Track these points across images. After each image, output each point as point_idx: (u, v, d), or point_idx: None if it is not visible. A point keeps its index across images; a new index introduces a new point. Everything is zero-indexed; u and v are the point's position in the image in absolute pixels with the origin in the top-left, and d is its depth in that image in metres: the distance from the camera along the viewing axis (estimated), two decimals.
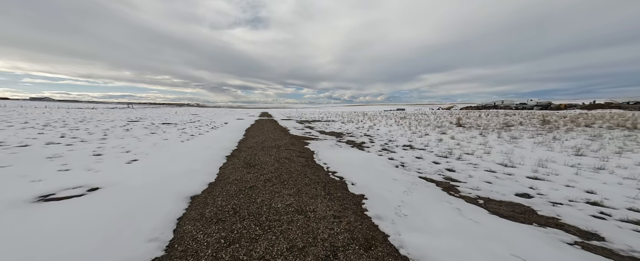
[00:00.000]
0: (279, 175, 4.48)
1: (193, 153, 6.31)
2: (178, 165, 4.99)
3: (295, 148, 7.66)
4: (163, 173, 4.38)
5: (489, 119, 19.44)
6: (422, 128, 13.53)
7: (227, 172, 4.77)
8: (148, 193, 3.30)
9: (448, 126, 14.42)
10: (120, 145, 7.08)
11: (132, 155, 5.82)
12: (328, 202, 3.20)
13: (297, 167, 5.16)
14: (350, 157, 6.31)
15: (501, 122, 16.10)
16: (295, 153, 6.76)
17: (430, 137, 9.75)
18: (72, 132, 10.05)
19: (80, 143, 7.31)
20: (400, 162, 5.57)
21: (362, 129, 14.33)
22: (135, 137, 8.98)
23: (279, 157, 6.16)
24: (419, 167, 5.10)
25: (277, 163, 5.53)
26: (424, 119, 21.54)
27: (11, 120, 14.08)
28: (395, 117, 25.83)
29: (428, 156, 6.11)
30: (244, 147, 7.67)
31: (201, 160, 5.61)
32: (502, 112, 33.44)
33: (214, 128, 14.17)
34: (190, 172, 4.56)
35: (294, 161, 5.76)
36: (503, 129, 12.43)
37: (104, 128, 11.93)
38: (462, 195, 3.34)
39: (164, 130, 12.10)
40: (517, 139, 8.37)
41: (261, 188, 3.77)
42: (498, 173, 4.34)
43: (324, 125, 18.04)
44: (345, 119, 24.67)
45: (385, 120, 21.90)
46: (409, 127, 14.49)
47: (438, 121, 18.86)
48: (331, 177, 4.50)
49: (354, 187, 3.85)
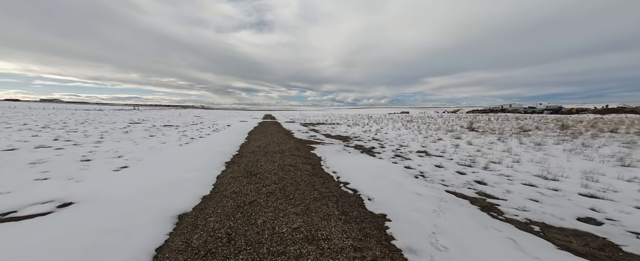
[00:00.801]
0: (284, 187, 3.91)
1: (190, 159, 5.80)
2: (171, 174, 4.47)
3: (300, 153, 7.10)
4: (152, 183, 3.85)
5: (501, 123, 18.61)
6: (433, 133, 12.85)
7: (225, 181, 4.22)
8: (128, 212, 2.76)
9: (460, 130, 13.71)
10: (114, 150, 6.62)
11: (123, 161, 5.33)
12: (344, 225, 2.61)
13: (304, 177, 4.59)
14: (362, 164, 5.72)
15: (515, 127, 15.31)
16: (301, 160, 6.19)
17: (445, 142, 9.09)
18: (68, 134, 9.68)
19: (72, 147, 6.87)
20: (419, 172, 4.96)
21: (370, 133, 13.71)
22: (132, 140, 8.54)
23: (283, 164, 5.60)
24: (442, 178, 4.47)
25: (281, 171, 4.97)
26: (432, 123, 20.81)
27: (11, 122, 13.86)
28: (402, 120, 25.12)
29: (449, 165, 5.47)
30: (245, 152, 7.14)
31: (198, 167, 5.09)
32: (511, 116, 32.42)
33: (216, 130, 13.72)
34: (184, 181, 4.02)
35: (300, 169, 5.19)
36: (520, 134, 11.68)
37: (103, 130, 11.57)
38: (508, 218, 2.72)
39: (164, 132, 11.68)
40: (542, 145, 7.66)
41: (263, 204, 3.21)
42: (540, 187, 3.70)
43: (328, 128, 17.47)
44: (351, 122, 24.06)
45: (392, 123, 21.23)
46: (419, 131, 13.82)
47: (448, 125, 18.12)
48: (343, 190, 3.91)
49: (372, 204, 3.26)
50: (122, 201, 3.08)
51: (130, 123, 16.32)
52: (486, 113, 51.82)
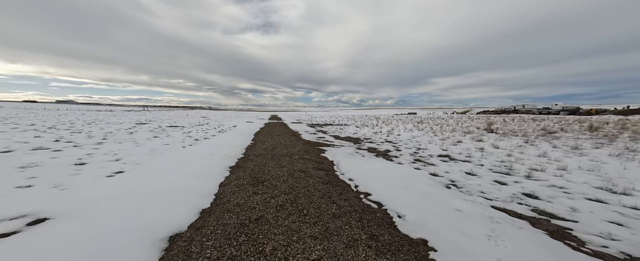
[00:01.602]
0: (296, 199, 3.36)
1: (192, 163, 5.33)
2: (169, 180, 3.99)
3: (310, 157, 6.54)
4: (146, 192, 3.37)
5: (520, 124, 17.57)
6: (449, 134, 12.08)
7: (229, 190, 3.70)
8: (108, 232, 2.26)
9: (478, 132, 12.87)
10: (113, 152, 6.23)
11: (120, 165, 4.90)
12: (377, 258, 2.03)
13: (317, 185, 4.02)
14: (380, 170, 5.11)
15: (538, 128, 14.32)
16: (312, 164, 5.64)
17: (466, 145, 8.35)
18: (72, 135, 9.44)
19: (71, 148, 6.54)
20: (450, 180, 4.31)
21: (381, 134, 13.04)
22: (134, 142, 8.19)
23: (292, 169, 5.06)
24: (479, 188, 3.82)
25: (291, 178, 4.43)
26: (445, 124, 19.91)
27: (20, 123, 13.88)
28: (411, 121, 24.26)
29: (482, 172, 4.80)
30: (251, 155, 6.64)
31: (199, 172, 4.60)
32: (526, 117, 31.00)
33: (222, 131, 13.35)
34: (182, 190, 3.53)
35: (312, 175, 4.63)
36: (546, 136, 10.79)
37: (107, 131, 11.34)
38: (595, 251, 2.07)
39: (169, 133, 11.36)
40: (581, 150, 6.85)
41: (272, 221, 2.66)
42: (613, 204, 3.00)
43: (336, 129, 16.87)
44: (359, 123, 23.38)
45: (402, 124, 20.44)
46: (434, 133, 13.06)
47: (462, 126, 17.22)
48: (365, 202, 3.33)
49: (404, 223, 2.66)
50: (106, 216, 2.59)
51: (137, 124, 16.17)
52: (498, 115, 50.11)
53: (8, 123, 13.15)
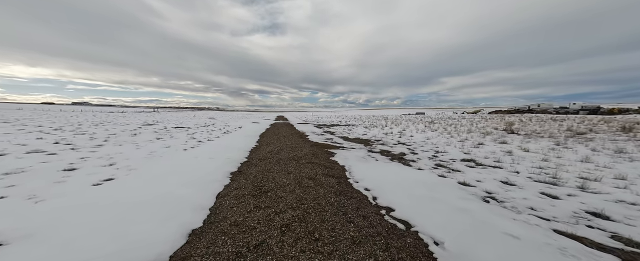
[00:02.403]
0: (304, 216, 2.80)
1: (190, 168, 4.86)
2: (161, 189, 3.51)
3: (319, 161, 5.98)
4: (130, 204, 2.89)
5: (541, 125, 16.45)
6: (466, 135, 11.27)
7: (226, 203, 3.18)
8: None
9: (498, 133, 11.98)
10: (109, 155, 5.85)
11: (112, 171, 4.47)
12: None
13: (329, 196, 3.45)
14: (399, 177, 4.49)
15: (562, 129, 13.27)
16: (321, 170, 5.07)
17: (490, 148, 7.59)
18: (75, 137, 9.22)
19: (68, 151, 6.21)
20: (485, 192, 3.65)
21: (392, 135, 12.34)
22: (135, 144, 7.84)
23: (299, 176, 4.51)
24: (526, 203, 3.15)
25: (299, 187, 3.87)
26: (458, 124, 18.94)
27: (29, 124, 13.94)
28: (422, 122, 23.33)
29: (520, 181, 4.10)
30: (255, 159, 6.14)
31: (197, 178, 4.11)
32: (545, 117, 29.48)
33: (227, 133, 12.97)
34: (173, 202, 3.03)
35: (322, 184, 4.06)
36: (575, 137, 9.84)
37: (111, 132, 11.13)
38: None
39: (172, 135, 11.04)
40: (628, 153, 6.00)
41: (276, 250, 2.11)
42: None
43: (344, 129, 16.25)
44: (367, 123, 22.66)
45: (412, 124, 19.60)
46: (449, 134, 12.25)
47: (477, 126, 16.27)
48: (388, 221, 2.73)
49: (446, 256, 2.05)
50: (71, 239, 2.11)
51: (143, 125, 16.05)
52: (512, 114, 48.22)
53: (16, 125, 13.21)
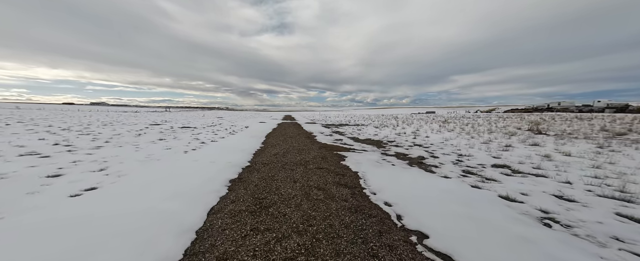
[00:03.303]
0: (313, 245, 2.20)
1: (186, 174, 4.37)
2: (146, 202, 3.00)
3: (328, 166, 5.37)
4: (102, 223, 2.38)
5: (569, 124, 15.13)
6: (488, 136, 10.34)
7: (218, 225, 2.62)
8: None
9: (524, 133, 10.95)
10: (104, 158, 5.47)
11: (99, 178, 4.04)
12: None
13: (343, 214, 2.84)
14: (424, 188, 3.81)
15: (595, 129, 12.03)
16: (332, 177, 4.46)
17: (522, 151, 6.73)
18: (78, 137, 9.02)
19: (63, 154, 5.89)
20: (541, 210, 2.91)
21: (405, 136, 11.55)
22: (135, 145, 7.50)
23: (307, 186, 3.91)
24: (604, 229, 2.42)
25: (306, 200, 3.28)
26: (475, 123, 17.80)
27: (40, 124, 14.08)
28: (435, 121, 22.22)
29: (580, 195, 3.33)
30: (258, 163, 5.59)
31: (190, 187, 3.60)
32: (568, 116, 27.61)
33: (232, 133, 12.58)
34: (153, 222, 2.51)
35: (334, 197, 3.45)
36: (616, 138, 8.75)
37: (116, 133, 10.94)
38: None
39: (177, 135, 10.72)
40: None
41: None
42: None
43: (354, 129, 15.54)
44: (377, 123, 21.82)
45: (426, 124, 18.62)
46: (469, 135, 11.34)
47: (497, 126, 15.16)
48: (424, 255, 2.09)
49: None
50: None
51: (150, 125, 15.96)
52: (530, 113, 45.89)
53: (29, 125, 13.35)
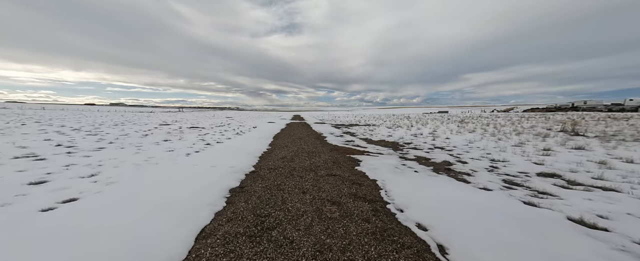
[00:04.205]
0: None
1: (181, 182, 3.86)
2: (123, 220, 2.49)
3: (342, 172, 4.73)
4: (60, 250, 1.87)
5: (606, 124, 13.63)
6: (517, 138, 9.32)
7: (205, 256, 2.05)
8: None
9: (556, 134, 9.81)
10: (100, 162, 5.09)
11: (86, 185, 3.60)
12: None
13: (367, 245, 2.19)
14: (462, 203, 3.09)
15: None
16: (347, 187, 3.82)
17: (567, 156, 5.80)
18: (84, 138, 8.87)
19: (61, 156, 5.59)
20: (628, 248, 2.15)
21: (422, 137, 10.69)
22: (138, 147, 7.17)
23: (319, 199, 3.29)
24: None
25: (318, 220, 2.66)
26: (497, 123, 16.51)
27: (54, 124, 14.31)
28: (452, 121, 20.98)
29: None
30: (264, 168, 5.04)
31: (181, 201, 3.07)
32: (600, 115, 25.45)
33: (239, 133, 12.18)
34: (125, 249, 1.97)
35: (352, 215, 2.81)
36: None
37: (124, 133, 10.79)
38: None
39: (182, 136, 10.42)
40: None
41: None
42: None
43: (365, 130, 14.78)
44: (389, 123, 20.89)
45: (442, 124, 17.54)
46: (493, 136, 10.33)
47: (522, 126, 13.91)
48: None
49: None
50: None
51: (160, 125, 15.93)
52: (552, 112, 43.15)
53: (44, 125, 13.57)
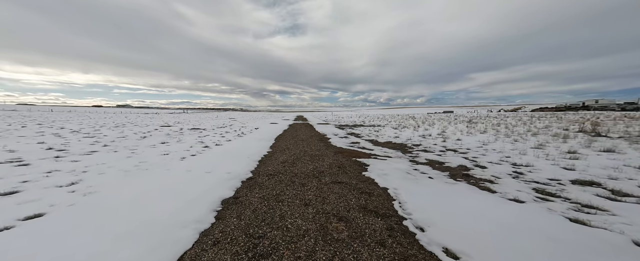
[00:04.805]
0: None
1: (169, 192, 3.44)
2: (86, 249, 2.06)
3: (348, 179, 4.25)
4: None
5: (626, 125, 12.83)
6: (533, 139, 8.70)
7: None
8: None
9: (574, 135, 9.15)
10: (86, 167, 4.71)
11: (61, 196, 3.20)
12: None
13: None
14: (493, 221, 2.58)
15: None
16: (354, 197, 3.34)
17: (598, 160, 5.21)
18: (80, 140, 8.56)
19: (48, 161, 5.24)
20: None
21: (431, 138, 10.13)
22: (132, 150, 6.80)
23: (323, 213, 2.82)
24: None
25: (322, 243, 2.19)
26: (507, 123, 15.80)
27: (53, 126, 14.14)
28: (460, 121, 20.28)
29: None
30: (263, 174, 4.59)
31: (163, 217, 2.64)
32: (613, 115, 24.38)
33: (241, 135, 11.78)
34: None
35: (363, 235, 2.33)
36: None
37: (122, 135, 10.49)
38: None
39: (181, 138, 10.06)
40: None
41: None
42: None
43: (370, 131, 14.25)
44: (394, 123, 20.30)
45: (450, 125, 16.89)
46: (507, 137, 9.72)
47: (536, 126, 13.21)
48: None
49: None
50: None
51: (161, 127, 15.66)
52: (562, 112, 41.92)
53: (44, 126, 13.40)
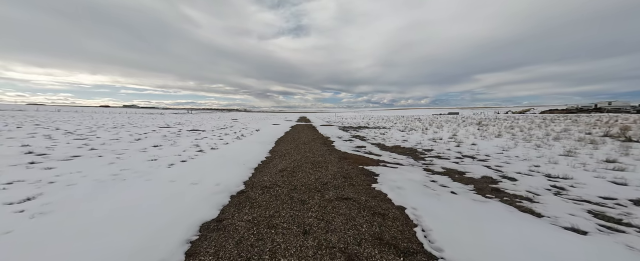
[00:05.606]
0: None
1: (141, 212, 2.83)
2: None
3: (356, 194, 3.59)
4: None
5: None
6: (557, 144, 7.92)
7: None
8: None
9: (603, 141, 8.32)
10: (56, 177, 4.14)
11: (3, 218, 2.62)
12: None
13: None
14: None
15: None
16: (366, 222, 2.69)
17: None
18: (68, 143, 8.07)
19: (18, 168, 4.70)
20: None
21: (443, 143, 9.39)
22: (118, 155, 6.24)
23: (326, 247, 2.17)
24: None
25: None
26: (520, 126, 14.92)
27: (50, 126, 13.80)
28: (469, 123, 19.40)
29: None
30: (257, 186, 3.96)
31: (131, 244, 2.02)
32: (629, 117, 23.21)
33: (240, 137, 11.20)
34: None
35: None
36: None
37: (115, 137, 10.00)
38: None
39: (176, 141, 9.51)
40: None
41: None
42: None
43: (376, 133, 13.54)
44: (400, 125, 19.53)
45: (459, 127, 16.08)
46: (527, 141, 8.94)
47: (553, 129, 12.34)
48: None
49: None
50: None
51: (159, 128, 15.21)
52: (573, 114, 40.54)
53: (41, 127, 13.05)
